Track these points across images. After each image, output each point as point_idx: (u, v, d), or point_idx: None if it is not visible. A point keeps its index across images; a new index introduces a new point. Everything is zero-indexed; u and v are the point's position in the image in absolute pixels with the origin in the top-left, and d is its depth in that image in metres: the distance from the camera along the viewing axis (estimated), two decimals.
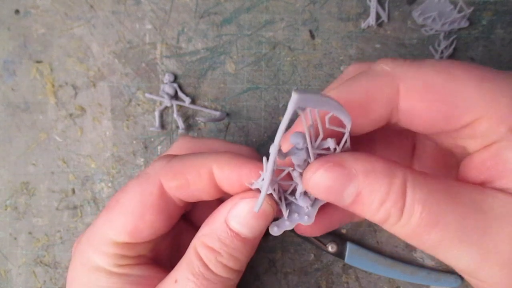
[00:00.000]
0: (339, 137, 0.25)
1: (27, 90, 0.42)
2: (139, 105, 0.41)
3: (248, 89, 0.41)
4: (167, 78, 0.40)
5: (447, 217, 0.22)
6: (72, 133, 0.41)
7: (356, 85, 0.26)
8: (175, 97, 0.41)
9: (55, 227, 0.41)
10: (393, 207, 0.22)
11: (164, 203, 0.28)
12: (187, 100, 0.40)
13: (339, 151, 0.25)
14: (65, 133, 0.41)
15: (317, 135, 0.24)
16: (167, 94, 0.40)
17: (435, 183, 0.23)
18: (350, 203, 0.24)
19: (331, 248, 0.39)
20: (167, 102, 0.40)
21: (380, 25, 0.40)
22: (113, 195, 0.30)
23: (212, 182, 0.27)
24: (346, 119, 0.23)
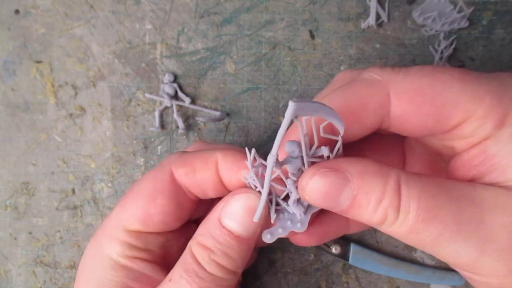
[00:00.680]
0: (332, 146, 0.25)
1: (27, 90, 0.42)
2: (139, 105, 0.41)
3: (248, 89, 0.41)
4: (167, 78, 0.40)
5: (443, 211, 0.22)
6: (72, 133, 0.41)
7: (348, 92, 0.26)
8: (175, 97, 0.41)
9: (55, 227, 0.41)
10: (389, 206, 0.23)
11: (174, 189, 0.29)
12: (187, 100, 0.40)
13: (332, 158, 0.25)
14: (65, 133, 0.41)
15: (312, 143, 0.24)
16: (167, 94, 0.40)
17: (428, 180, 0.23)
18: (347, 207, 0.24)
19: (335, 249, 0.39)
20: (167, 102, 0.40)
21: (380, 25, 0.40)
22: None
23: (217, 173, 0.29)
24: (340, 125, 0.24)
